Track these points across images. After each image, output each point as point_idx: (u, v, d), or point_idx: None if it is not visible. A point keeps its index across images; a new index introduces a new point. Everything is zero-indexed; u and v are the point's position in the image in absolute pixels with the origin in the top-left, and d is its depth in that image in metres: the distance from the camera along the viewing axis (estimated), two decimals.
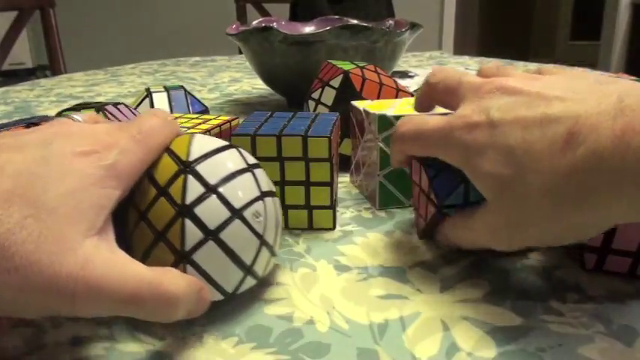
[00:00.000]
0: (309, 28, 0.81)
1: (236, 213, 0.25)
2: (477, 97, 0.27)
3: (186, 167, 0.25)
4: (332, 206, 0.35)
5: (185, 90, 0.52)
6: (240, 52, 1.31)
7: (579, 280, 0.29)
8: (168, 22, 3.09)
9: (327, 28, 0.64)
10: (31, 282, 0.19)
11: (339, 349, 0.24)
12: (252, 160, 0.28)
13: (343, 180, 0.46)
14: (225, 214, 0.25)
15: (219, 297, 0.26)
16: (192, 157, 0.25)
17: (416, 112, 0.34)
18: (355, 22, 0.74)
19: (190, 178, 0.25)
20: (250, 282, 0.27)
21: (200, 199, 0.24)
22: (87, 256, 0.21)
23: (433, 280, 0.30)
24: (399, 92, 0.47)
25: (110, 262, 0.21)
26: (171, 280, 0.22)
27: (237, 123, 0.46)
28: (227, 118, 0.45)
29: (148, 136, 0.25)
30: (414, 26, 0.71)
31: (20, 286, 0.19)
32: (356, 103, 0.42)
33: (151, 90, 0.51)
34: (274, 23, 0.74)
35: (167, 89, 0.52)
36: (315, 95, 0.48)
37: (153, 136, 0.25)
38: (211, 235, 0.24)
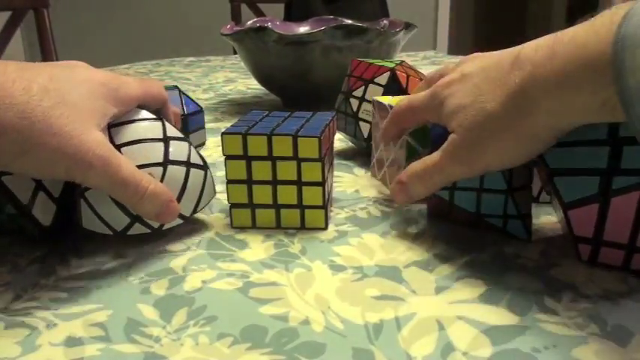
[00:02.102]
0: (303, 28, 0.81)
1: None
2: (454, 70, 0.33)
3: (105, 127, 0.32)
4: (324, 206, 0.35)
5: (180, 90, 0.52)
6: (235, 52, 1.31)
7: (574, 279, 0.29)
8: (163, 22, 3.08)
9: (322, 28, 0.64)
10: (63, 145, 0.28)
11: (334, 349, 0.24)
12: (174, 133, 0.34)
13: (340, 179, 0.46)
14: None
15: (108, 232, 0.32)
16: (115, 121, 0.33)
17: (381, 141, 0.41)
18: (350, 22, 0.74)
19: None
20: (141, 229, 0.33)
21: None
22: (100, 140, 0.30)
23: (428, 279, 0.30)
24: None
25: (113, 151, 0.30)
26: (151, 180, 0.31)
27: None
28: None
29: (148, 85, 0.35)
30: (408, 26, 0.71)
31: (55, 148, 0.28)
32: (380, 99, 0.43)
33: None
34: (269, 23, 0.74)
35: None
36: (358, 93, 0.49)
37: (151, 87, 0.36)
38: None
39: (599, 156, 0.28)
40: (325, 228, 0.36)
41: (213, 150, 0.55)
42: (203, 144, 0.52)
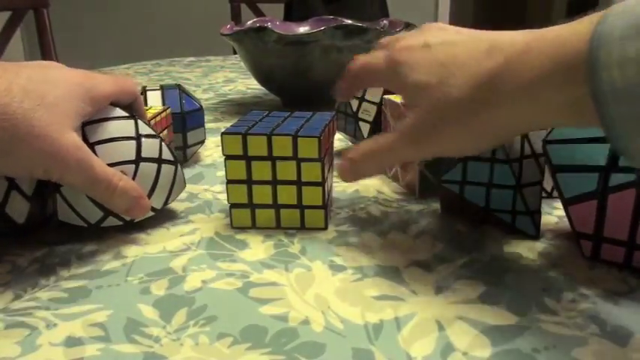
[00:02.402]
0: (303, 29, 0.81)
1: None
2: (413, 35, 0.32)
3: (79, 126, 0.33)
4: (324, 206, 0.35)
5: (180, 89, 0.52)
6: (235, 52, 1.31)
7: (574, 280, 0.29)
8: (163, 22, 3.08)
9: (322, 28, 0.64)
10: (44, 146, 0.29)
11: (334, 349, 0.24)
12: (147, 131, 0.36)
13: (340, 179, 0.46)
14: None
15: (83, 224, 0.34)
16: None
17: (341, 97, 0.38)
18: (349, 22, 0.74)
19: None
20: (114, 221, 0.34)
21: None
22: (76, 140, 0.31)
23: (428, 280, 0.30)
24: None
25: (87, 151, 0.31)
26: (122, 177, 0.33)
27: (168, 113, 0.46)
28: (160, 108, 0.45)
29: (120, 82, 0.36)
30: (408, 26, 0.71)
31: (36, 149, 0.29)
32: (391, 97, 0.43)
33: (147, 88, 0.51)
34: (269, 23, 0.74)
35: (162, 87, 0.51)
36: (358, 93, 0.50)
37: (124, 84, 0.36)
38: None
39: (599, 153, 0.29)
40: (325, 228, 0.36)
41: (213, 150, 0.55)
42: (202, 142, 0.52)
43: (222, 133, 0.34)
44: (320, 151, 0.34)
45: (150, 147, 0.35)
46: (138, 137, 0.35)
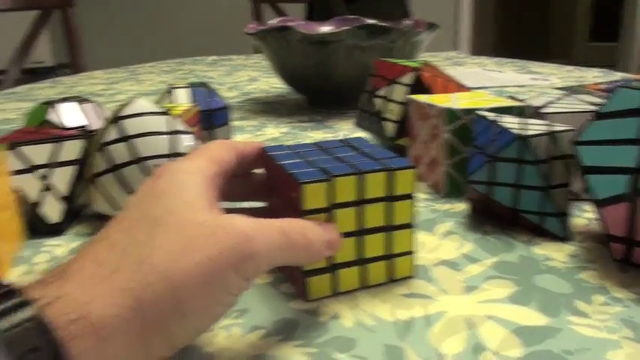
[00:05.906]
0: (326, 28, 0.81)
1: (138, 160, 0.34)
2: None
3: (115, 120, 0.35)
4: (412, 251, 0.30)
5: (207, 87, 0.53)
6: (256, 52, 1.32)
7: (605, 283, 0.29)
8: (186, 21, 3.11)
9: (345, 27, 0.64)
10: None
11: (364, 344, 0.24)
12: (180, 127, 0.36)
13: None
14: (127, 157, 0.34)
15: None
16: (124, 113, 0.35)
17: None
18: (373, 21, 0.75)
19: (112, 127, 0.35)
20: None
21: (112, 142, 0.34)
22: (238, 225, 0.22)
23: (457, 279, 0.30)
24: (460, 88, 0.50)
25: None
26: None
27: (196, 110, 0.47)
28: (188, 106, 0.46)
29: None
30: (431, 26, 0.71)
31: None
32: (417, 97, 0.44)
33: (175, 86, 0.52)
34: (292, 23, 0.75)
35: (190, 85, 0.52)
36: (382, 92, 0.50)
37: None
38: (112, 169, 0.34)
39: (628, 155, 0.28)
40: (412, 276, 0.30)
41: None
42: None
43: (302, 183, 0.26)
44: (414, 185, 0.29)
45: (182, 142, 0.36)
46: (172, 132, 0.36)
